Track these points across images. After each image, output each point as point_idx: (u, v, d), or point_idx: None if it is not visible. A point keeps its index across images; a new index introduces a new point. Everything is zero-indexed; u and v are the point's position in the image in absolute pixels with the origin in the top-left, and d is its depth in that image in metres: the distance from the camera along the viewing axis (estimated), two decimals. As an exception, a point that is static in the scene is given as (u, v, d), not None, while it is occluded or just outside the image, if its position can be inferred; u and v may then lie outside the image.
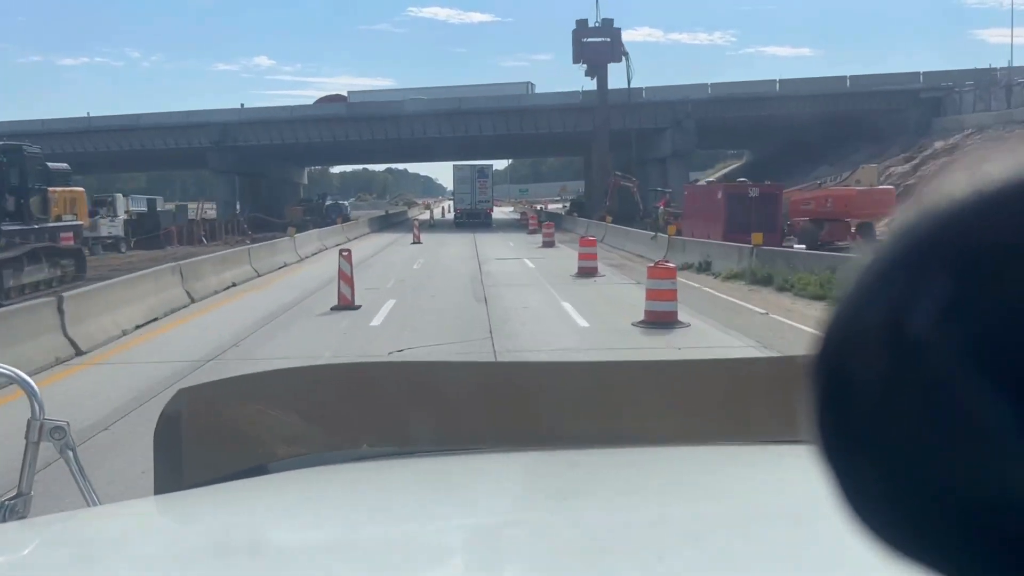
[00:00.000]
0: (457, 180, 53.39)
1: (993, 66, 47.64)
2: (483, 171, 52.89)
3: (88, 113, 56.87)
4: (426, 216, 65.18)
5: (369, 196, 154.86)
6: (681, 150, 48.58)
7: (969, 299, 0.30)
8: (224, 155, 54.70)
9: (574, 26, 49.36)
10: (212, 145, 54.42)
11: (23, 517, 1.40)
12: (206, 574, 0.99)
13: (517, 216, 70.50)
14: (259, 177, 63.31)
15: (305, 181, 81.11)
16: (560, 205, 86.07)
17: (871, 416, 0.32)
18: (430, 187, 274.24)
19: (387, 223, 52.63)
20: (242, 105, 57.66)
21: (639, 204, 41.11)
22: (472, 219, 49.44)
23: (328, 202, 61.00)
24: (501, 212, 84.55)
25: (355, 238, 37.37)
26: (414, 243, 33.76)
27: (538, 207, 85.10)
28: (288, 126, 54.15)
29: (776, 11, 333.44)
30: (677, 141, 48.31)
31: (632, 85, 48.62)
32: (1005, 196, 0.30)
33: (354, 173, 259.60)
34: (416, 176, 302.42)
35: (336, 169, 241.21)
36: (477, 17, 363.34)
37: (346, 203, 74.56)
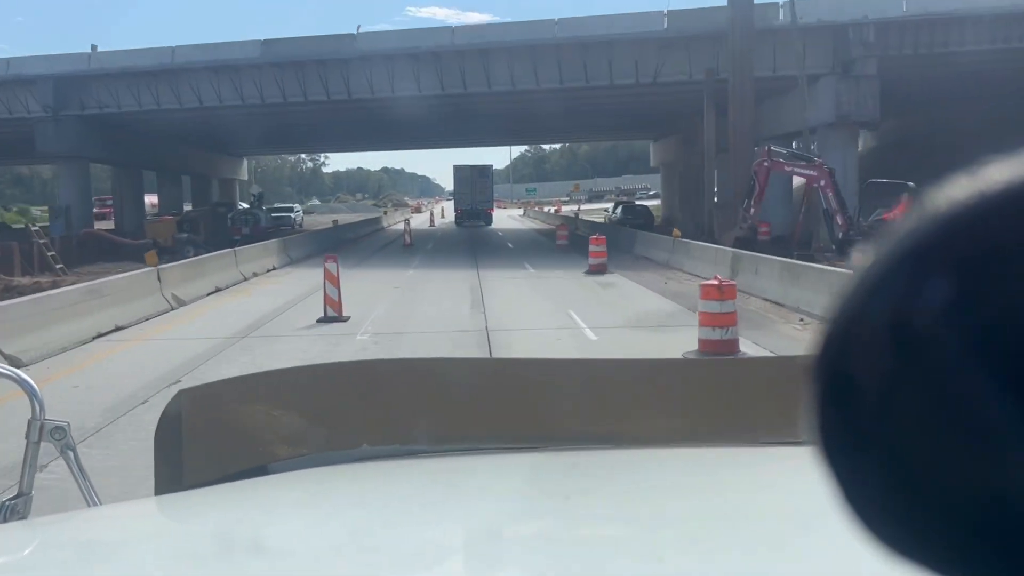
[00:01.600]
0: (457, 180, 52.37)
1: None
2: (483, 171, 52.21)
3: None
4: (399, 226, 40.89)
5: (351, 197, 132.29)
6: (851, 113, 26.73)
7: (971, 299, 0.30)
8: (65, 129, 32.84)
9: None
10: (46, 114, 32.87)
11: (24, 517, 1.39)
12: (207, 575, 1.00)
13: (535, 226, 50.72)
14: (145, 169, 41.72)
15: (244, 176, 58.15)
16: (576, 207, 67.03)
17: (872, 417, 0.32)
18: (428, 187, 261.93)
19: (337, 240, 31.61)
20: (94, 47, 34.54)
21: (834, 215, 19.68)
22: (472, 219, 49.05)
23: (244, 205, 40.34)
24: (508, 216, 64.39)
25: (199, 298, 15.97)
26: (325, 320, 12.69)
27: (550, 209, 66.44)
28: (168, 80, 31.88)
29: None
30: (843, 98, 26.58)
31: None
32: (1007, 197, 0.30)
33: (348, 173, 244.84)
34: (414, 176, 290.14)
35: (329, 168, 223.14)
36: (476, 17, 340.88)
37: (296, 208, 54.08)
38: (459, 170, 52.52)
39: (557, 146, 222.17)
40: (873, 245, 0.32)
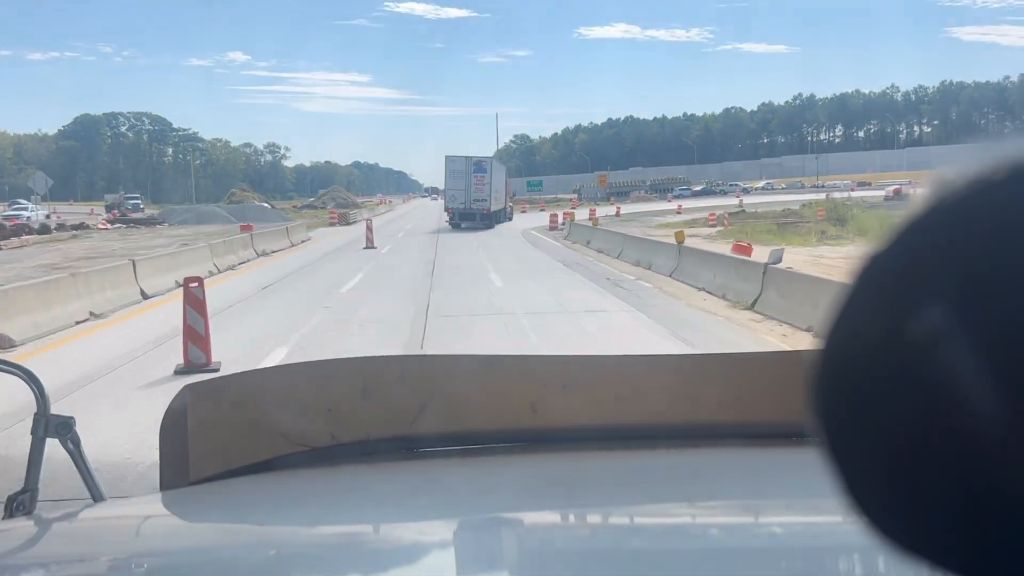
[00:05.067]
0: (449, 175, 43.53)
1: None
2: (480, 164, 43.50)
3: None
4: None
5: (253, 195, 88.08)
6: None
7: (972, 299, 0.30)
8: None
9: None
10: None
11: (30, 512, 1.39)
12: (211, 569, 1.01)
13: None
14: None
15: None
16: (614, 209, 53.95)
17: (874, 413, 0.32)
18: (405, 183, 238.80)
19: None
20: None
21: None
22: (467, 220, 41.37)
23: None
24: (535, 233, 37.99)
25: None
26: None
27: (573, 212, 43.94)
28: None
29: (751, 8, 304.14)
30: None
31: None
32: (1009, 197, 0.30)
33: (313, 167, 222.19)
34: (389, 171, 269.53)
35: (291, 161, 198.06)
36: (454, 12, 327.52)
37: None
38: (452, 161, 43.75)
39: (547, 135, 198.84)
40: (875, 247, 0.33)
